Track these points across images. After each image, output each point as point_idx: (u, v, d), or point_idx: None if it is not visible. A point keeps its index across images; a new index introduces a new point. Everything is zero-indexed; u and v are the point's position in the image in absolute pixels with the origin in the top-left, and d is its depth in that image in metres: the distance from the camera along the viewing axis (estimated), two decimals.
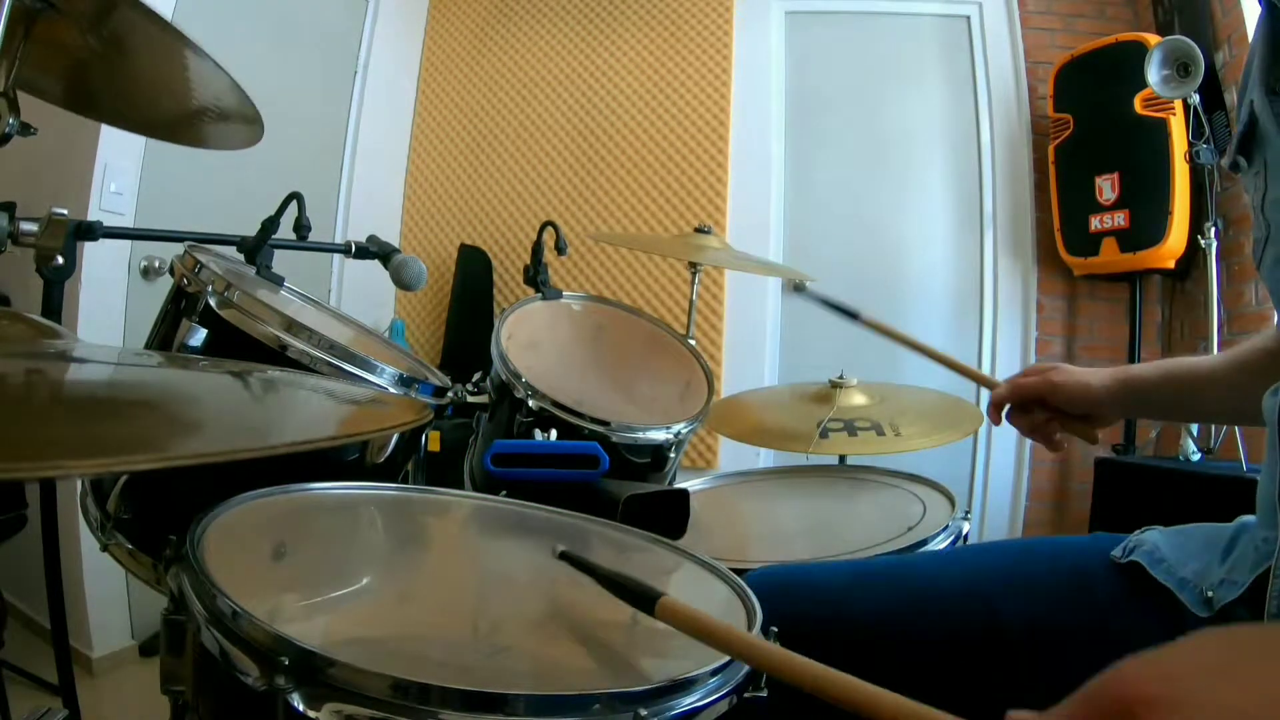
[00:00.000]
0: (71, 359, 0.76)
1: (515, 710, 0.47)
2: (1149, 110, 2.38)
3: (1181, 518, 0.78)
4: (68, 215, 1.05)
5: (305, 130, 2.75)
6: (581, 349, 1.39)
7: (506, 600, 0.71)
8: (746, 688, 0.56)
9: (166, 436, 0.55)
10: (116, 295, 2.11)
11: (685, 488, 1.08)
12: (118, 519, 0.91)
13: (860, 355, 1.92)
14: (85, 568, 1.95)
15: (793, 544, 1.23)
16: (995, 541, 0.87)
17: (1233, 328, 2.32)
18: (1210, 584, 0.67)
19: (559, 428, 1.12)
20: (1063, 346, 2.80)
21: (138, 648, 2.14)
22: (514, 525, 0.90)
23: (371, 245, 1.28)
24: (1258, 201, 0.70)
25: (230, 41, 1.02)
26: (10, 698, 1.49)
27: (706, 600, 0.73)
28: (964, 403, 1.65)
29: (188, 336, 0.90)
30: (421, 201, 3.27)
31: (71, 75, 1.07)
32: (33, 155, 1.34)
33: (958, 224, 2.92)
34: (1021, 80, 2.87)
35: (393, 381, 0.96)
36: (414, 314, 3.20)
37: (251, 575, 0.64)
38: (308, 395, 0.77)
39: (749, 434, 1.72)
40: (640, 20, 3.12)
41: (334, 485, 0.84)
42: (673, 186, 3.00)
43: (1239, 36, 2.31)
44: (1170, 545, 0.73)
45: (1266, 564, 0.63)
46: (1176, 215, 2.35)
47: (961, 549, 1.04)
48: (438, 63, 3.32)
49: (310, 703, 0.47)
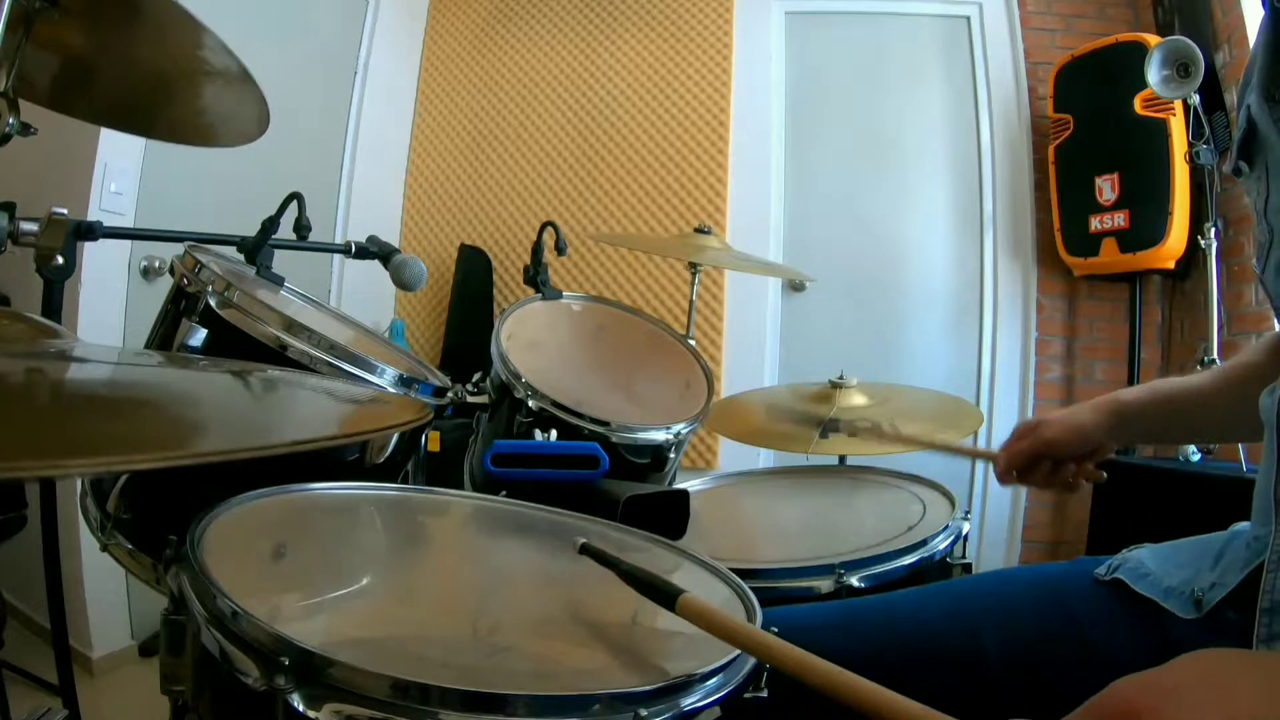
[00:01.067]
0: (71, 359, 0.76)
1: (515, 710, 0.47)
2: (1149, 110, 2.38)
3: (1181, 518, 0.78)
4: (68, 215, 1.05)
5: (305, 130, 2.76)
6: (581, 349, 1.39)
7: (506, 600, 0.71)
8: (747, 688, 0.56)
9: (166, 436, 0.55)
10: (116, 295, 2.11)
11: (685, 488, 1.07)
12: (118, 519, 0.91)
13: (860, 355, 1.93)
14: (85, 568, 1.95)
15: (793, 544, 1.23)
16: (983, 573, 0.87)
17: (1233, 328, 2.32)
18: (1200, 587, 0.67)
19: (559, 428, 1.12)
20: (1063, 346, 2.80)
21: (138, 648, 2.14)
22: (514, 525, 0.90)
23: (371, 245, 1.28)
24: (1260, 206, 0.70)
25: (230, 42, 1.02)
26: (10, 698, 1.49)
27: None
28: (964, 403, 1.65)
29: (188, 336, 0.90)
30: (421, 201, 3.27)
31: (71, 76, 1.07)
32: (33, 155, 1.34)
33: (958, 224, 2.92)
34: (1021, 80, 2.87)
35: (393, 381, 0.96)
36: (414, 314, 3.20)
37: (251, 575, 0.64)
38: (308, 395, 0.77)
39: (749, 434, 1.71)
40: (640, 20, 3.12)
41: (334, 485, 0.84)
42: (673, 186, 3.00)
43: (1239, 36, 2.30)
44: (1157, 559, 0.73)
45: (1258, 560, 0.63)
46: (1176, 215, 2.35)
47: (950, 582, 1.03)
48: (438, 63, 3.32)
49: (310, 703, 0.47)
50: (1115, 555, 0.77)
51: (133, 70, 1.07)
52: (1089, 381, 2.77)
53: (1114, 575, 0.74)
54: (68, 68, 1.05)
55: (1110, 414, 0.88)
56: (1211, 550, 0.70)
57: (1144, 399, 0.89)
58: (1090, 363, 2.78)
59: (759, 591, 0.70)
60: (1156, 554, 0.74)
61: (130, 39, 1.02)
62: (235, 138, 1.17)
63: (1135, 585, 0.71)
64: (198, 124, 1.17)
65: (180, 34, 1.00)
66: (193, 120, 1.16)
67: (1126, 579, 0.72)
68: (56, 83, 1.07)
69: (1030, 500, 2.77)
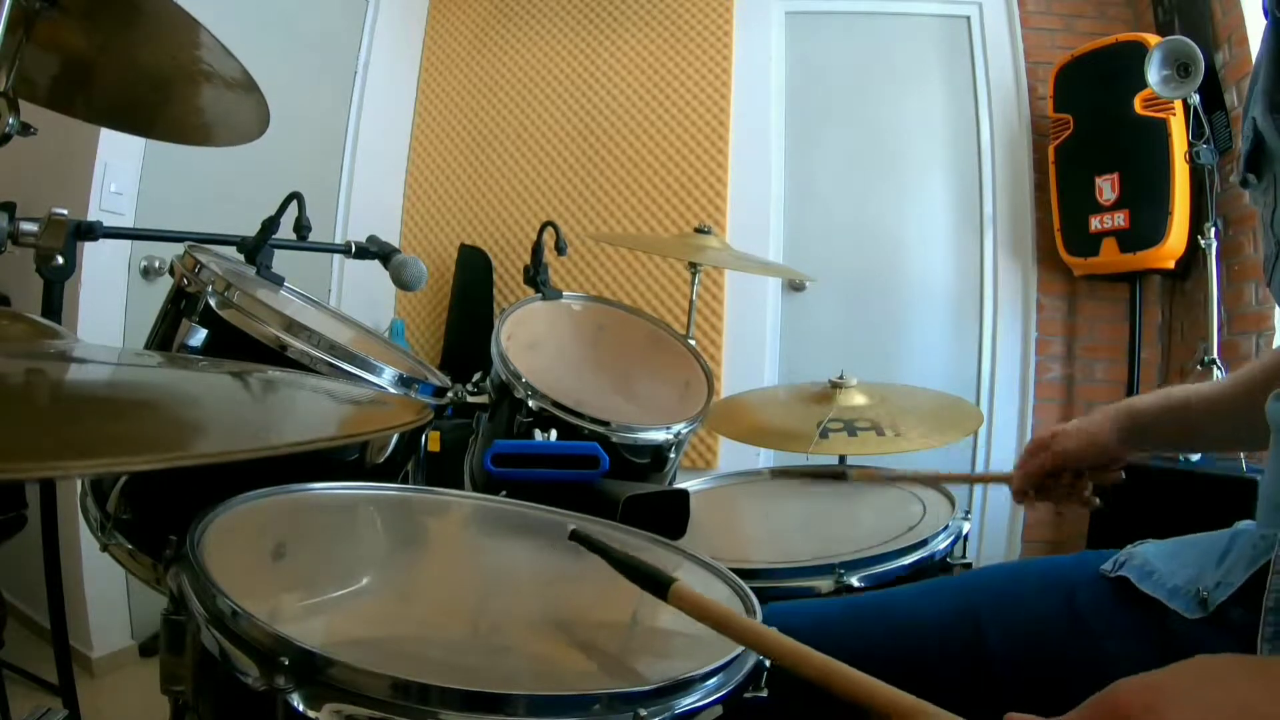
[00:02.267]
0: (71, 359, 0.76)
1: (515, 710, 0.47)
2: (1149, 110, 2.38)
3: (1181, 518, 0.78)
4: (68, 215, 1.05)
5: (305, 130, 2.75)
6: (581, 349, 1.39)
7: (507, 600, 0.71)
8: (747, 688, 0.56)
9: (166, 437, 0.55)
10: (116, 295, 2.11)
11: (685, 488, 1.07)
12: (118, 519, 0.91)
13: (860, 355, 1.93)
14: (85, 568, 1.95)
15: (793, 544, 1.23)
16: (987, 567, 0.86)
17: (1233, 328, 2.32)
18: (1205, 586, 0.67)
19: (559, 428, 1.12)
20: (1063, 346, 2.80)
21: (138, 648, 2.14)
22: (514, 525, 0.90)
23: (371, 245, 1.28)
24: (1267, 217, 0.70)
25: (230, 42, 1.02)
26: (10, 698, 1.49)
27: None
28: (964, 403, 1.65)
29: (188, 336, 0.90)
30: (421, 201, 3.27)
31: (71, 76, 1.07)
32: (33, 155, 1.34)
33: (958, 224, 2.92)
34: (1021, 80, 2.87)
35: (393, 382, 0.96)
36: (414, 314, 3.20)
37: (251, 575, 0.64)
38: (308, 395, 0.77)
39: (749, 434, 1.71)
40: (640, 21, 3.12)
41: (334, 485, 0.84)
42: (673, 186, 3.00)
43: (1239, 36, 2.30)
44: (1162, 557, 0.73)
45: (1264, 559, 0.62)
46: (1176, 215, 2.35)
47: (955, 577, 1.03)
48: (438, 63, 3.32)
49: (310, 703, 0.47)
50: (1121, 550, 0.77)
51: (133, 70, 1.07)
52: (1089, 381, 2.77)
53: (1119, 572, 0.74)
54: (68, 68, 1.05)
55: (1124, 423, 0.87)
56: (1216, 548, 0.70)
57: (1156, 408, 0.88)
58: (1090, 363, 2.78)
59: (758, 592, 0.70)
60: (1161, 550, 0.74)
61: (130, 39, 1.02)
62: (235, 138, 1.17)
63: (1141, 585, 0.71)
64: (198, 124, 1.17)
65: (180, 34, 1.00)
66: (193, 120, 1.16)
67: (1132, 578, 0.72)
68: (56, 83, 1.07)
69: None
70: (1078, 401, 2.76)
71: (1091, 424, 0.89)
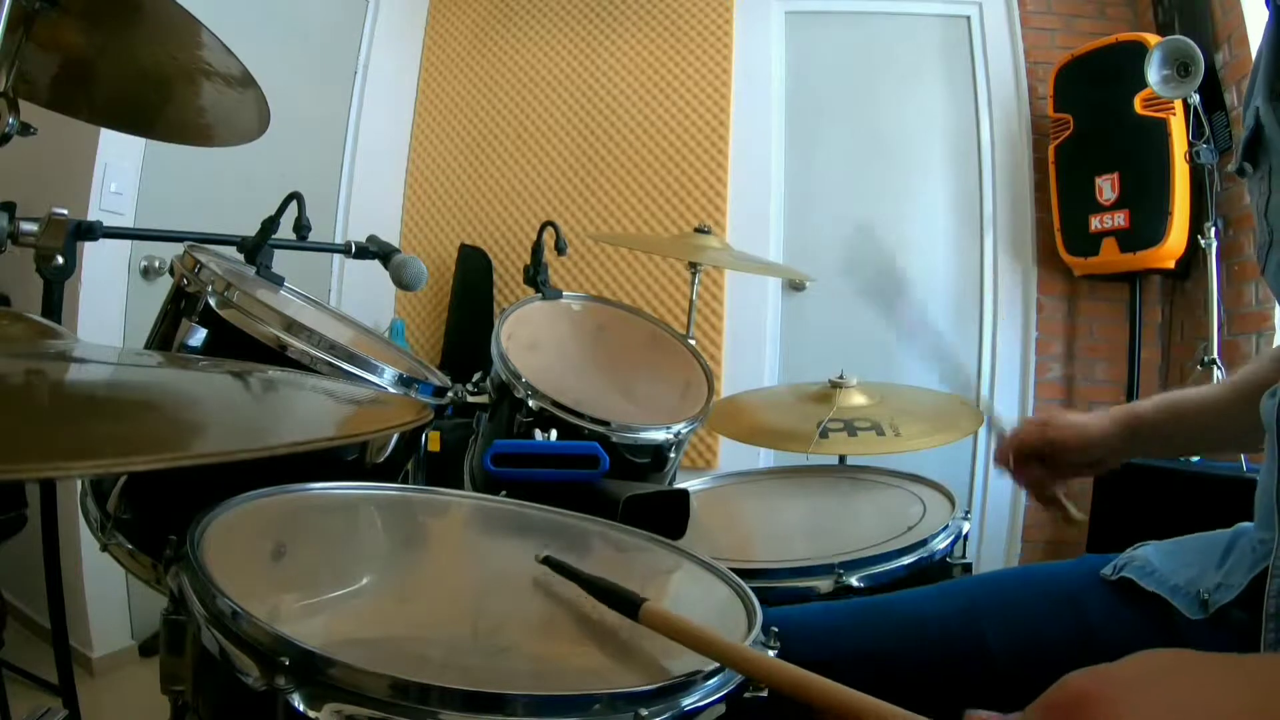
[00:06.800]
0: (71, 359, 0.76)
1: (515, 710, 0.47)
2: (1149, 110, 2.38)
3: (1181, 518, 0.78)
4: (68, 215, 1.05)
5: (305, 130, 2.75)
6: (581, 349, 1.39)
7: (506, 600, 0.71)
8: (747, 687, 0.56)
9: (166, 437, 0.55)
10: (116, 295, 2.11)
11: (685, 488, 1.07)
12: (118, 519, 0.91)
13: (860, 355, 1.93)
14: (85, 568, 1.95)
15: (793, 544, 1.23)
16: (988, 573, 0.86)
17: (1233, 328, 2.32)
18: (1206, 587, 0.67)
19: (559, 428, 1.12)
20: (1063, 346, 2.80)
21: (138, 648, 2.14)
22: (514, 525, 0.90)
23: (371, 245, 1.28)
24: (1261, 206, 0.70)
25: (230, 41, 1.02)
26: (10, 698, 1.49)
27: (707, 600, 0.73)
28: (964, 403, 1.65)
29: (188, 336, 0.90)
30: (421, 201, 3.27)
31: (71, 76, 1.07)
32: (33, 155, 1.34)
33: (958, 224, 2.92)
34: (1021, 80, 2.87)
35: (393, 381, 0.96)
36: (414, 314, 3.20)
37: (251, 575, 0.64)
38: (308, 395, 0.77)
39: (749, 434, 1.71)
40: (640, 20, 3.12)
41: (334, 485, 0.84)
42: (673, 186, 3.00)
43: (1239, 36, 2.30)
44: (1163, 557, 0.73)
45: (1264, 564, 0.62)
46: (1176, 215, 2.35)
47: (960, 581, 1.03)
48: (438, 63, 3.32)
49: (310, 703, 0.47)
50: (1121, 554, 0.77)
51: (133, 70, 1.07)
52: (1089, 381, 2.77)
53: (1121, 575, 0.74)
54: (68, 68, 1.05)
55: (1125, 427, 0.86)
56: (1216, 549, 0.70)
57: (1157, 413, 0.86)
58: (1090, 362, 2.78)
59: (759, 591, 0.70)
60: (1161, 550, 0.74)
61: (130, 39, 1.02)
62: (235, 138, 1.17)
63: (1142, 582, 0.71)
64: (198, 124, 1.17)
65: (180, 34, 1.00)
66: (193, 120, 1.16)
67: (1134, 576, 0.72)
68: (56, 83, 1.07)
69: (1030, 500, 2.76)
70: (1078, 401, 2.76)
71: (1090, 423, 0.88)
